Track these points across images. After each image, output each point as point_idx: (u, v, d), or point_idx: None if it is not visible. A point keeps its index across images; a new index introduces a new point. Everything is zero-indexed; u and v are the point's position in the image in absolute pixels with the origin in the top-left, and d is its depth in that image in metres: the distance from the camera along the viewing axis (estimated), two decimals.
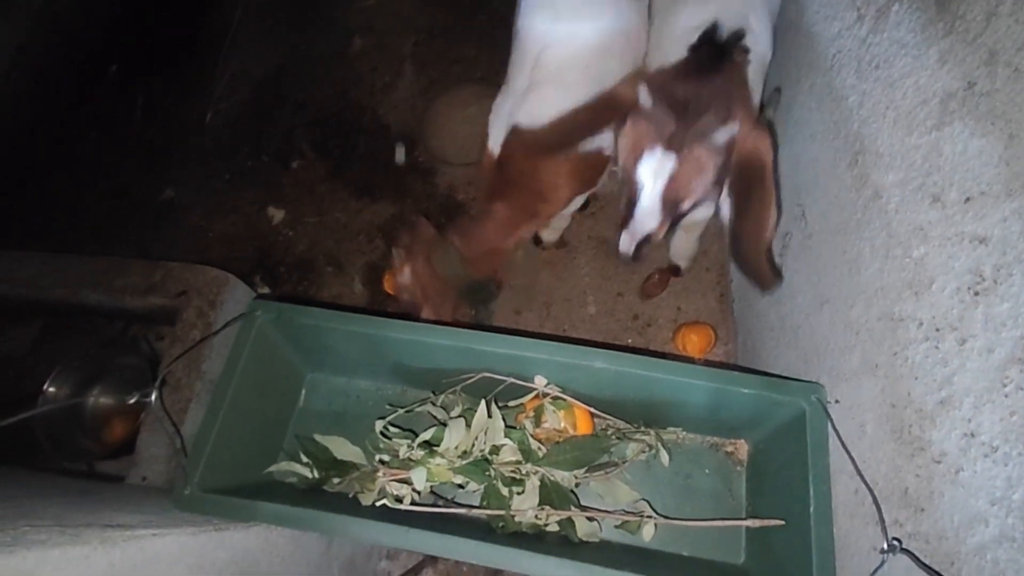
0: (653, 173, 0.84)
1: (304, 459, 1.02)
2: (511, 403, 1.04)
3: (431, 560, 1.39)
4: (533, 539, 0.95)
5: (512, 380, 1.00)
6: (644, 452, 1.04)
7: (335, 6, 2.37)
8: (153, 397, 0.89)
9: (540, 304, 1.71)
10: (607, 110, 0.88)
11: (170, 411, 1.14)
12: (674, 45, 1.00)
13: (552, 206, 1.27)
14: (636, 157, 0.86)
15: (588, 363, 0.93)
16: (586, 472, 0.99)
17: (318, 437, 1.03)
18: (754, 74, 0.96)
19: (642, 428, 1.05)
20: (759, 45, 0.99)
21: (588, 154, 1.21)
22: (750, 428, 1.02)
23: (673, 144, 0.82)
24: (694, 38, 0.97)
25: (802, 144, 1.13)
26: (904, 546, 0.69)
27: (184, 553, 0.77)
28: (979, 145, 0.63)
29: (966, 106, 0.66)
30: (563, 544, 0.95)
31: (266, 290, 1.86)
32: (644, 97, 0.85)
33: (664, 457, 1.02)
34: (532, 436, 0.99)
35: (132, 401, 0.87)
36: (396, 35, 2.27)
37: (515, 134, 1.19)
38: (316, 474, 1.00)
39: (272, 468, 1.03)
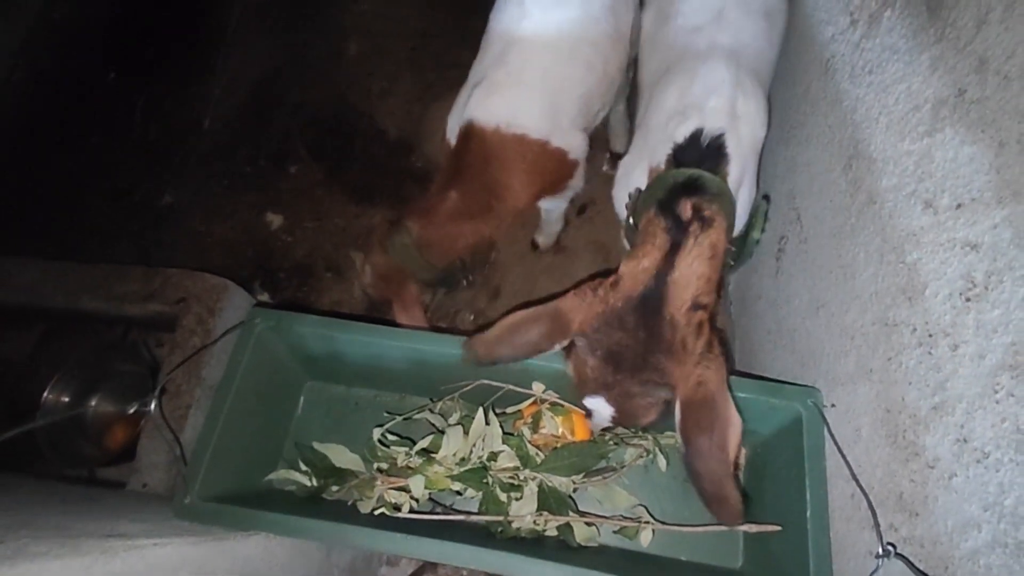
0: (599, 409, 0.84)
1: (303, 467, 1.02)
2: (508, 409, 1.05)
3: (431, 565, 1.40)
4: (532, 544, 0.95)
5: (510, 387, 1.00)
6: (642, 457, 1.04)
7: (331, 9, 2.38)
8: (153, 406, 0.89)
9: None
10: (553, 330, 0.83)
11: (170, 417, 1.15)
12: (661, 130, 0.98)
13: (508, 204, 1.24)
14: (581, 394, 0.85)
15: None
16: (584, 478, 1.00)
17: (316, 445, 1.03)
18: (743, 160, 0.95)
19: (639, 433, 1.05)
20: (750, 127, 0.97)
21: (545, 156, 1.20)
22: (748, 432, 1.02)
23: (611, 397, 0.81)
24: (678, 132, 0.94)
25: (797, 147, 1.14)
26: (899, 551, 0.69)
27: (184, 562, 0.78)
28: (970, 152, 0.64)
29: (957, 113, 0.66)
30: (561, 549, 0.96)
31: (265, 296, 1.86)
32: (581, 344, 0.82)
33: (661, 462, 1.03)
34: (530, 442, 0.99)
35: (132, 411, 0.88)
36: (393, 39, 2.27)
37: (469, 128, 1.17)
38: (315, 482, 1.00)
39: (271, 476, 1.04)
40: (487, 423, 0.97)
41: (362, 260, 1.28)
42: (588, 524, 0.96)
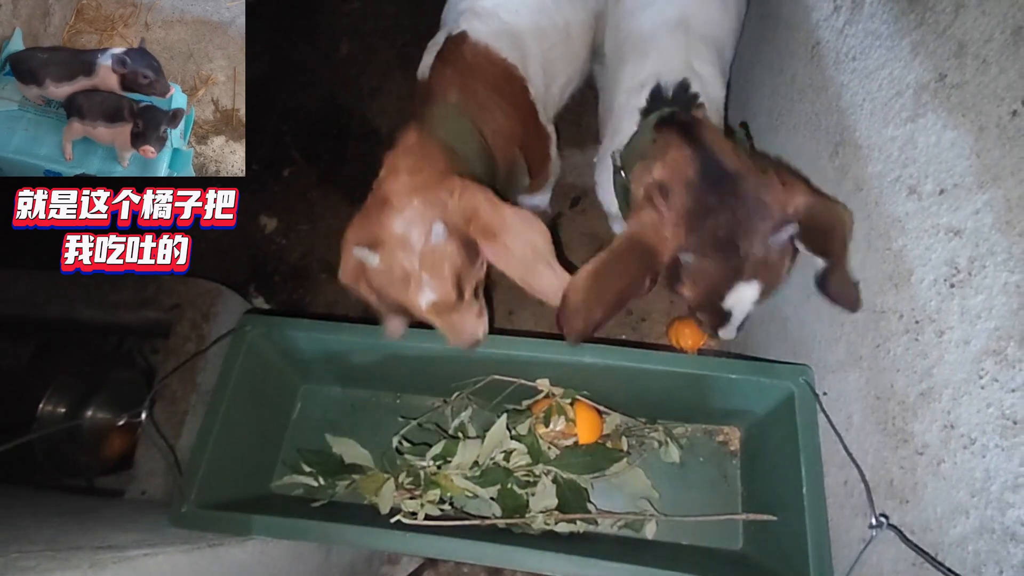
0: (740, 300, 0.81)
1: (307, 468, 1.02)
2: (524, 404, 1.05)
3: (431, 563, 1.40)
4: (532, 536, 0.95)
5: (521, 382, 0.99)
6: (656, 447, 1.05)
7: (320, 10, 2.37)
8: (143, 416, 0.89)
9: (534, 303, 1.71)
10: (642, 266, 0.75)
11: (166, 424, 1.15)
12: (623, 108, 0.97)
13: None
14: (712, 303, 0.81)
15: (578, 359, 0.93)
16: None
17: (329, 438, 1.04)
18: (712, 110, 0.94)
19: (649, 424, 1.06)
20: (708, 88, 0.96)
21: (525, 101, 1.11)
22: (741, 414, 1.03)
23: (748, 275, 0.78)
24: (641, 99, 0.92)
25: (786, 135, 1.13)
26: (891, 523, 0.69)
27: (177, 571, 0.77)
28: (951, 137, 0.63)
29: (938, 98, 0.66)
30: (562, 538, 0.96)
31: (261, 300, 1.86)
32: (689, 259, 0.77)
33: (674, 453, 1.03)
34: (541, 437, 0.99)
35: (122, 423, 0.88)
36: (382, 38, 2.26)
37: (463, 36, 1.05)
38: (322, 481, 1.01)
39: (277, 483, 1.04)
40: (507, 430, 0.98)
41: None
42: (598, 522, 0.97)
